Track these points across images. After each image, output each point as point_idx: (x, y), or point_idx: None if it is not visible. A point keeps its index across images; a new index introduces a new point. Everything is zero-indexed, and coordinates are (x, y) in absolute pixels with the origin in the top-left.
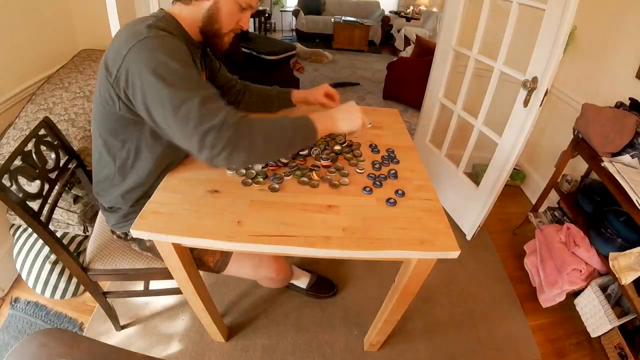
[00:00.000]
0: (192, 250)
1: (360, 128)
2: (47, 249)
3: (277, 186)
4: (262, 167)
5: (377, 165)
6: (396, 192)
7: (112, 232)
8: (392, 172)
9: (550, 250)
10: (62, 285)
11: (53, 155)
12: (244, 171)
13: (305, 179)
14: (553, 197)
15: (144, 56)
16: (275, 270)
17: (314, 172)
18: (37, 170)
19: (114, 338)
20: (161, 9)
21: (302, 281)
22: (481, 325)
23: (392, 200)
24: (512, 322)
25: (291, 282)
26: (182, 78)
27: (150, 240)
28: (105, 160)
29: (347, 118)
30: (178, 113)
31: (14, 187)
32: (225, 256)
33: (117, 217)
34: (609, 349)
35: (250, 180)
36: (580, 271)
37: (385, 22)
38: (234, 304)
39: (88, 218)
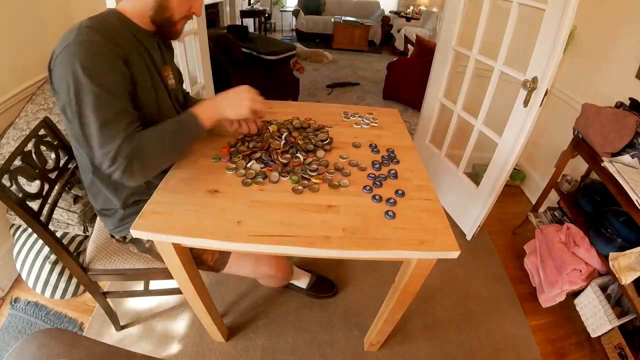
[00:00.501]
0: (191, 249)
1: (247, 114)
2: (47, 249)
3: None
4: (261, 168)
5: (377, 165)
6: (396, 192)
7: (112, 236)
8: (392, 172)
9: (550, 250)
10: (62, 285)
11: (53, 155)
12: (243, 171)
13: (300, 187)
14: (553, 197)
15: (66, 66)
16: (275, 267)
17: (312, 179)
18: (37, 170)
19: (114, 338)
20: (109, 8)
21: (302, 281)
22: (481, 325)
23: (392, 200)
24: (512, 322)
25: (291, 282)
26: (88, 96)
27: (149, 242)
28: (87, 174)
29: (232, 104)
30: (83, 129)
31: (14, 187)
32: (224, 255)
33: (113, 220)
34: (609, 349)
35: (250, 180)
36: (580, 271)
37: (385, 22)
38: (234, 304)
39: (88, 218)
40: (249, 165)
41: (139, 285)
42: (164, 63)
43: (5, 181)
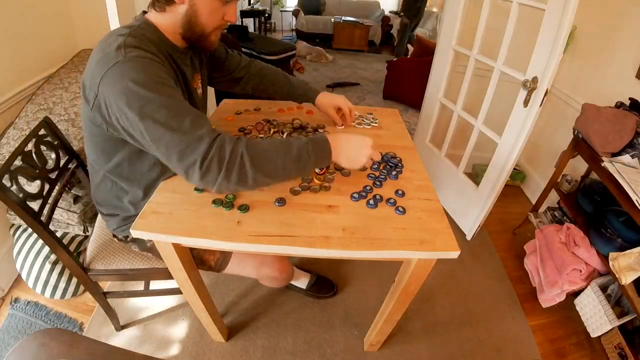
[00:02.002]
0: (192, 249)
1: (359, 168)
2: (47, 249)
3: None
4: None
5: (374, 166)
6: (396, 192)
7: (114, 235)
8: (393, 172)
9: (550, 250)
10: (62, 285)
11: (53, 155)
12: None
13: (299, 189)
14: (553, 197)
15: (116, 87)
16: (278, 269)
17: (314, 177)
18: (37, 170)
19: (114, 338)
20: (143, 11)
21: (302, 281)
22: (481, 325)
23: (392, 201)
24: (512, 322)
25: (291, 282)
26: (156, 109)
27: (150, 240)
28: (100, 175)
29: (350, 155)
30: (159, 148)
31: (14, 187)
32: (226, 255)
33: (117, 220)
34: (609, 349)
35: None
36: (580, 271)
37: (385, 22)
38: (234, 304)
39: (88, 218)
40: None
41: (139, 285)
42: (194, 72)
43: (6, 181)
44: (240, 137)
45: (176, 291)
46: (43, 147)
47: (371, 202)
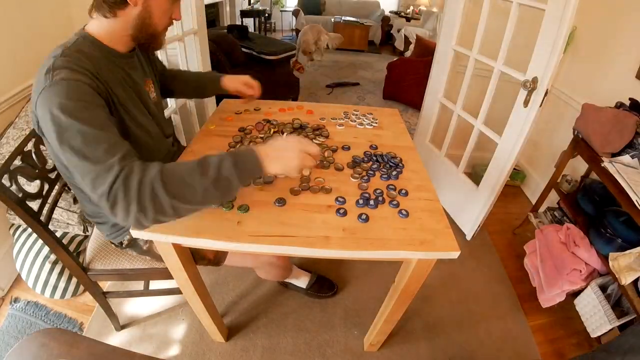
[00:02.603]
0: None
1: (295, 174)
2: (47, 249)
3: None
4: None
5: (374, 166)
6: (398, 192)
7: (110, 242)
8: (393, 172)
9: (550, 250)
10: (62, 285)
11: None
12: None
13: (299, 189)
14: (553, 197)
15: (44, 114)
16: (275, 255)
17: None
18: (37, 170)
19: (114, 338)
20: (82, 28)
21: (302, 281)
22: (481, 325)
23: (395, 203)
24: (512, 322)
25: (291, 282)
26: (72, 136)
27: (146, 244)
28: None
29: (279, 159)
30: (77, 176)
31: (13, 187)
32: (223, 250)
33: (107, 227)
34: None
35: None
36: (580, 271)
37: (385, 22)
38: (234, 304)
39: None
40: None
41: (139, 285)
42: (144, 77)
43: (5, 181)
44: (152, 164)
45: (176, 291)
46: (43, 147)
47: (371, 202)
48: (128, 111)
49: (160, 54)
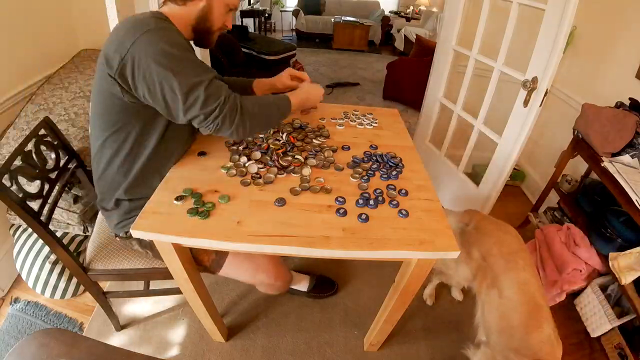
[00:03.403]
0: (190, 249)
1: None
2: (47, 249)
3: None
4: (259, 168)
5: (374, 166)
6: (398, 192)
7: (115, 235)
8: (393, 172)
9: (550, 250)
10: (62, 285)
11: (53, 155)
12: (234, 171)
13: (299, 189)
14: (553, 197)
15: (150, 49)
16: (274, 276)
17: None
18: (37, 170)
19: (114, 338)
20: (153, 10)
21: (302, 285)
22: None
23: (394, 203)
24: None
25: (292, 287)
26: (188, 66)
27: None
28: (107, 156)
29: (310, 91)
30: (188, 99)
31: (14, 187)
32: (221, 256)
33: (119, 214)
34: (609, 349)
35: (249, 181)
36: (580, 271)
37: (385, 22)
38: (234, 304)
39: (88, 218)
40: (247, 165)
41: (139, 285)
42: None
43: (6, 181)
44: (241, 96)
45: (176, 291)
46: (43, 147)
47: (371, 202)
48: None
49: None
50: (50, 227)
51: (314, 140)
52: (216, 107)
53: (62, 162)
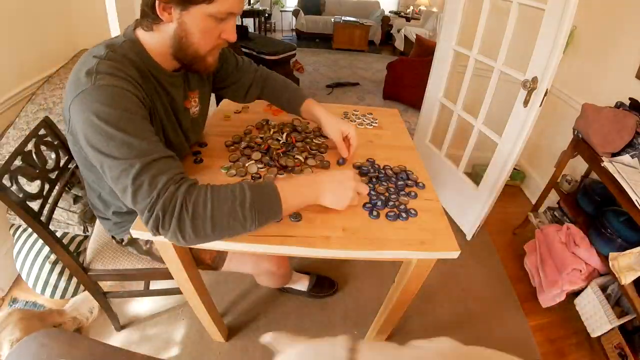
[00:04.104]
0: (190, 248)
1: (345, 207)
2: (47, 249)
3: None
4: (259, 169)
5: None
6: (408, 194)
7: (112, 237)
8: (401, 185)
9: (550, 250)
10: (62, 285)
11: (53, 155)
12: (234, 171)
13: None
14: (553, 197)
15: (81, 116)
16: (277, 264)
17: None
18: (37, 170)
19: (114, 338)
20: (133, 29)
21: (302, 284)
22: (481, 325)
23: (403, 216)
24: (512, 322)
25: (291, 286)
26: (117, 144)
27: (147, 244)
28: (94, 186)
29: (335, 193)
30: (117, 187)
31: (14, 187)
32: (221, 253)
33: (109, 224)
34: (609, 349)
35: (249, 181)
36: (580, 271)
37: (385, 22)
38: (234, 304)
39: (88, 218)
40: (247, 165)
41: (139, 285)
42: (189, 91)
43: (6, 181)
44: (199, 189)
45: (176, 291)
46: (43, 147)
47: (374, 213)
48: (162, 126)
49: None
50: (50, 227)
51: (314, 140)
52: (146, 206)
53: (62, 162)
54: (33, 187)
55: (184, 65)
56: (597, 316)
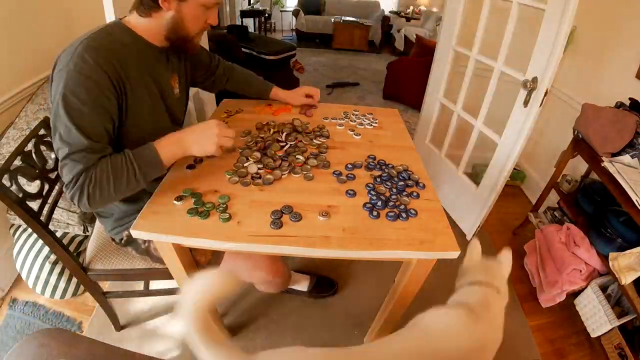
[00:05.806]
0: (190, 249)
1: (215, 152)
2: (47, 249)
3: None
4: (259, 168)
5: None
6: (409, 211)
7: (112, 238)
8: (414, 193)
9: (550, 250)
10: (62, 285)
11: (53, 155)
12: (244, 170)
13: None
14: (553, 197)
15: (57, 85)
16: (272, 273)
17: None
18: (37, 170)
19: (114, 338)
20: (119, 18)
21: (302, 285)
22: None
23: (402, 207)
24: (512, 322)
25: (292, 287)
26: (63, 126)
27: (145, 244)
28: None
29: (199, 141)
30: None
31: (14, 187)
32: (218, 256)
33: (110, 221)
34: (609, 349)
35: (249, 181)
36: (580, 271)
37: (385, 22)
38: (234, 304)
39: (88, 218)
40: (247, 165)
41: (139, 285)
42: (172, 73)
43: (5, 181)
44: (87, 172)
45: (176, 291)
46: (43, 147)
47: (374, 213)
48: (138, 99)
49: None
50: (50, 227)
51: (314, 140)
52: (67, 183)
53: None
54: (33, 187)
55: (174, 44)
56: (597, 316)
